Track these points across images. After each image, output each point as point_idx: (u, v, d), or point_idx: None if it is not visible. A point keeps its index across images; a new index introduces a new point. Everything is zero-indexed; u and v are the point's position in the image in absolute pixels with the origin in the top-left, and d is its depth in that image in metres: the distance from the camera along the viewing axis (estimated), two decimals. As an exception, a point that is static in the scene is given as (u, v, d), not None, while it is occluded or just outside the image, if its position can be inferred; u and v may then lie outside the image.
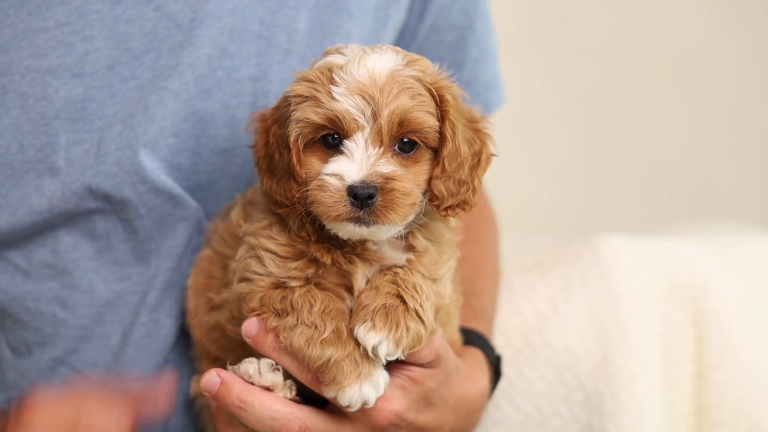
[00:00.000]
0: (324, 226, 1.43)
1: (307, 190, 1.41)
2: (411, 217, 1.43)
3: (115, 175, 1.60)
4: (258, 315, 1.46)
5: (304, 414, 1.45)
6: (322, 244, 1.45)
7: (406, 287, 1.44)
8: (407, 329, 1.42)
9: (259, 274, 1.46)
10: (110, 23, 1.59)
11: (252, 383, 1.46)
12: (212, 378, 1.46)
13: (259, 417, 1.44)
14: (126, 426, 1.48)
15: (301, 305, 1.43)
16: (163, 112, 1.61)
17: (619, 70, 3.36)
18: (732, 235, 2.12)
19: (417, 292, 1.44)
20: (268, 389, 1.46)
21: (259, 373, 1.46)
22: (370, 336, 1.41)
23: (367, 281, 1.46)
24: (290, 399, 1.46)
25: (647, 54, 3.34)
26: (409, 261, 1.47)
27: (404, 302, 1.43)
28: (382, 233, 1.42)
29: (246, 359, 1.47)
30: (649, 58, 3.34)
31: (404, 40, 1.84)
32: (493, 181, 2.13)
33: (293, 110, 1.42)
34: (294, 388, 1.47)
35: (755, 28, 3.34)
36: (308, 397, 1.48)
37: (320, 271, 1.46)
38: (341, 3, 1.70)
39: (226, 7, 1.63)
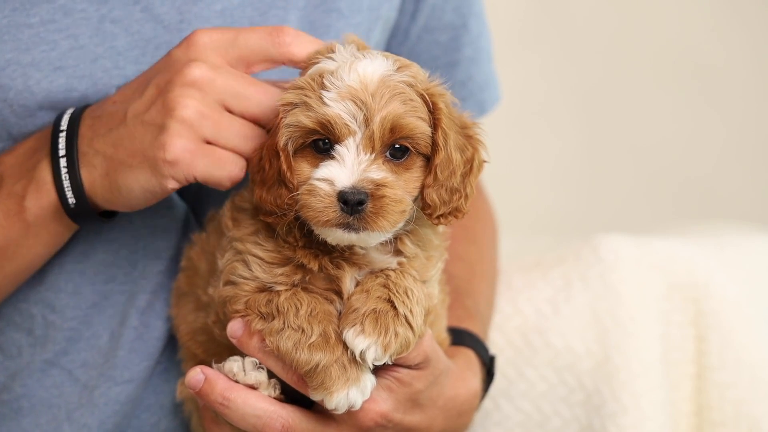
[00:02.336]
0: (312, 231, 1.41)
1: (298, 194, 1.39)
2: (401, 224, 1.41)
3: None
4: (243, 317, 1.45)
5: (287, 413, 1.45)
6: (309, 250, 1.43)
7: (397, 291, 1.42)
8: (396, 335, 1.40)
9: (244, 278, 1.44)
10: (96, 22, 1.58)
11: (236, 381, 1.45)
12: (196, 375, 1.45)
13: (242, 415, 1.44)
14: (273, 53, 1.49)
15: (287, 308, 1.41)
16: None
17: (621, 72, 3.35)
18: (732, 236, 2.11)
19: (408, 297, 1.42)
20: (252, 387, 1.45)
21: (244, 371, 1.45)
22: (359, 340, 1.40)
23: (357, 284, 1.45)
24: (274, 397, 1.46)
25: (649, 56, 3.34)
26: (400, 264, 1.45)
27: (394, 307, 1.41)
28: (371, 240, 1.40)
29: (230, 357, 1.47)
30: (651, 60, 3.34)
31: (396, 40, 1.83)
32: (494, 181, 2.14)
33: (283, 118, 1.40)
34: (278, 386, 1.46)
35: (758, 31, 3.33)
36: (293, 395, 1.48)
37: (307, 278, 1.44)
38: (331, 3, 1.68)
39: (214, 9, 1.62)
